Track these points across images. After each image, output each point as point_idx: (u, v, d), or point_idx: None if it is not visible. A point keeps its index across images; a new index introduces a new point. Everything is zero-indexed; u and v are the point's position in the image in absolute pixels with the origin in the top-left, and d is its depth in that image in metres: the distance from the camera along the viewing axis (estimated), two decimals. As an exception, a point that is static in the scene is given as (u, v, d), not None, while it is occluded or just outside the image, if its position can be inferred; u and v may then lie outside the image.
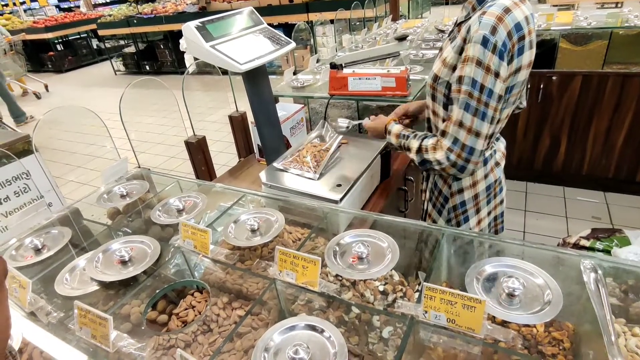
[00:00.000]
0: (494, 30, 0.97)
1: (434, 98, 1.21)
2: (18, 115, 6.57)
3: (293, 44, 1.53)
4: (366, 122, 1.45)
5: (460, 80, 1.04)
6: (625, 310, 0.81)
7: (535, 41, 1.06)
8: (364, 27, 3.76)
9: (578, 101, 2.89)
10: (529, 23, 1.02)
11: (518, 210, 3.05)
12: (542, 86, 2.92)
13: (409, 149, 1.22)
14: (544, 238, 2.74)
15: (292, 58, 4.83)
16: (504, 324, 0.77)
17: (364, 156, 1.51)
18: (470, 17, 1.06)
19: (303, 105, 2.05)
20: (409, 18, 4.28)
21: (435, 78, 1.16)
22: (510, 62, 1.01)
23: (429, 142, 1.15)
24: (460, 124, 1.06)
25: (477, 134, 1.05)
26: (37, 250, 1.12)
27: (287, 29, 6.85)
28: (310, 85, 2.22)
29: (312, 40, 4.53)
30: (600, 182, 3.12)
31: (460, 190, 1.27)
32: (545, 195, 3.19)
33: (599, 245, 1.97)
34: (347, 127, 1.51)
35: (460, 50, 1.06)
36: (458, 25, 1.14)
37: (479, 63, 0.99)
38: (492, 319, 0.78)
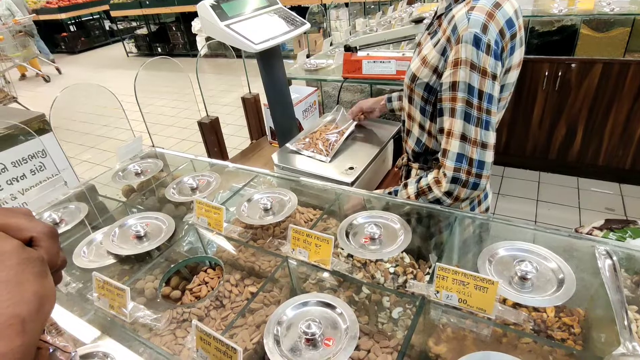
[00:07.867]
0: (485, 29, 0.87)
1: (410, 100, 1.09)
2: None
3: (308, 25, 1.51)
4: None
5: (454, 86, 0.92)
6: (636, 300, 0.80)
7: (524, 37, 0.98)
8: (379, 11, 3.70)
9: (597, 90, 2.82)
10: (518, 17, 0.93)
11: (530, 200, 3.03)
12: (560, 74, 2.86)
13: (411, 197, 1.07)
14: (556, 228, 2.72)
15: (305, 41, 4.78)
16: (515, 307, 0.78)
17: (377, 140, 1.50)
18: (451, 9, 0.95)
19: (316, 88, 2.03)
20: (424, 2, 4.19)
21: (414, 78, 1.04)
22: (503, 62, 0.92)
23: (429, 178, 1.03)
24: (464, 138, 0.94)
25: (484, 145, 0.94)
26: (55, 224, 1.15)
27: (300, 12, 6.73)
28: (324, 68, 2.20)
29: (325, 23, 4.46)
30: (616, 173, 3.06)
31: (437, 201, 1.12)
32: (559, 186, 3.15)
33: (612, 236, 1.95)
34: None
35: (443, 50, 0.95)
36: (438, 17, 1.02)
37: (473, 66, 0.89)
38: (503, 301, 0.78)
